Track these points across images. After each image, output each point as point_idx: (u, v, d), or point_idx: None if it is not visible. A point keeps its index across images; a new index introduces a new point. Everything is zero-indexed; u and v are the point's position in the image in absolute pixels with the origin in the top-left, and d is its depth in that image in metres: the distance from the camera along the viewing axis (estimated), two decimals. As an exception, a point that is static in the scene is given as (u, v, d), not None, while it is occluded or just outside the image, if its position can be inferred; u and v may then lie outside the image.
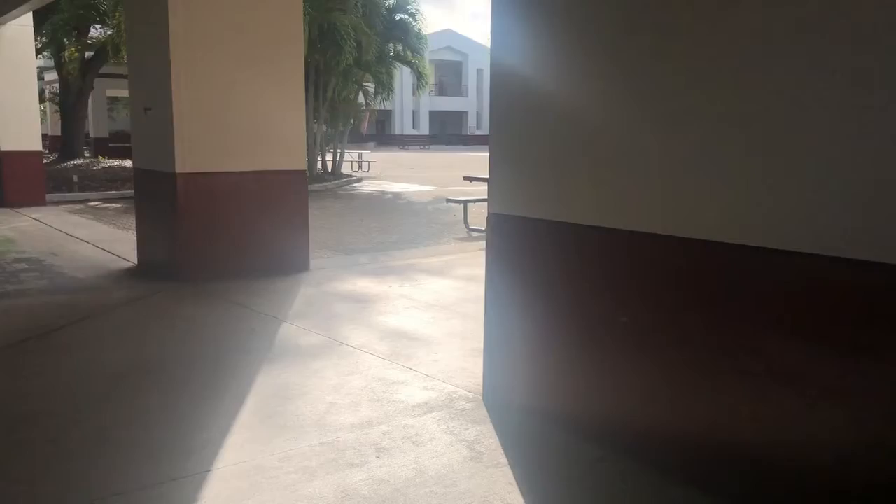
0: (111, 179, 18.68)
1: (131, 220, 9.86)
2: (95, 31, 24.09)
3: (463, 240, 10.61)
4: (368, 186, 21.53)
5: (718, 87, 2.85)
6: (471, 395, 4.09)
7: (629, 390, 3.30)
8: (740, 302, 2.83)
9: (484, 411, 3.87)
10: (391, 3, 22.54)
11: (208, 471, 3.19)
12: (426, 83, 25.75)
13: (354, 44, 19.10)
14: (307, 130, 8.28)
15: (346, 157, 25.28)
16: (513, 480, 3.14)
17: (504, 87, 3.82)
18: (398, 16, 22.79)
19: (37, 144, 13.82)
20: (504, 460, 3.31)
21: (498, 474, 3.18)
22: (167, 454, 3.38)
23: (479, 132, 61.69)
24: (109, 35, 20.95)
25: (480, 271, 4.14)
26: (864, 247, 2.45)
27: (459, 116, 65.83)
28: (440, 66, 61.08)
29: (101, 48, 22.67)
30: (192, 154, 6.84)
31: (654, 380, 3.17)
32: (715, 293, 2.93)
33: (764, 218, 2.74)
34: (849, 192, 2.50)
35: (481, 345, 4.09)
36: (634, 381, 3.27)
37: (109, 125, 34.80)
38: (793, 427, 2.71)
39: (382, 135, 58.81)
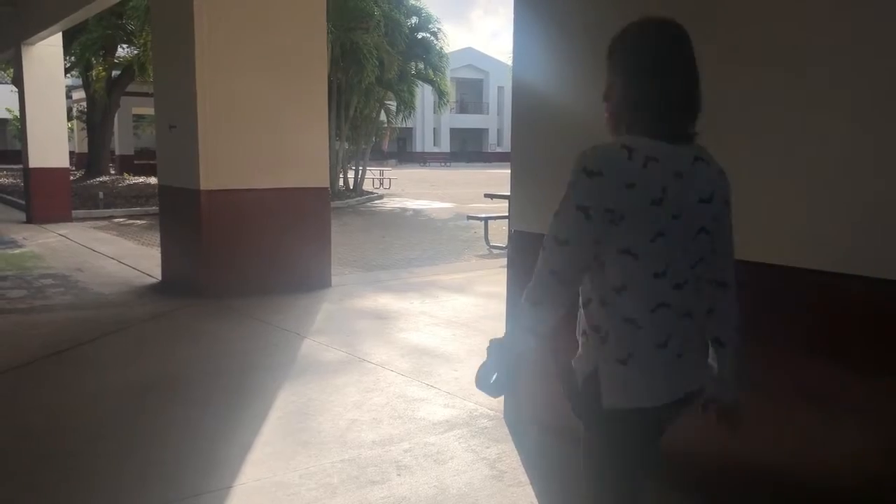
0: (136, 196, 18.91)
1: (155, 237, 9.97)
2: (122, 51, 24.48)
3: (483, 257, 10.61)
4: (389, 203, 21.62)
5: (743, 106, 2.85)
6: (492, 412, 4.08)
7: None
8: (765, 320, 2.80)
9: (505, 429, 3.85)
10: (413, 22, 22.67)
11: (230, 487, 3.21)
12: (447, 101, 25.86)
13: (376, 62, 19.23)
14: (329, 148, 8.33)
15: (368, 174, 25.41)
16: (534, 500, 3.12)
17: (526, 105, 3.83)
18: (420, 35, 22.91)
19: (64, 162, 14.04)
20: (525, 479, 3.29)
21: (519, 493, 3.16)
22: (190, 470, 3.39)
23: (499, 149, 61.79)
24: (136, 54, 21.29)
25: (501, 288, 4.14)
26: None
27: (480, 134, 66.01)
28: (461, 83, 61.37)
29: (128, 67, 23.04)
30: (216, 171, 6.92)
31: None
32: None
33: (792, 237, 2.72)
34: (882, 213, 2.48)
35: (502, 362, 4.08)
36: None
37: (135, 142, 35.30)
38: (818, 447, 2.67)
39: (403, 152, 59.08)
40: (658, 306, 1.72)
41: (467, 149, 63.94)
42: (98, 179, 24.25)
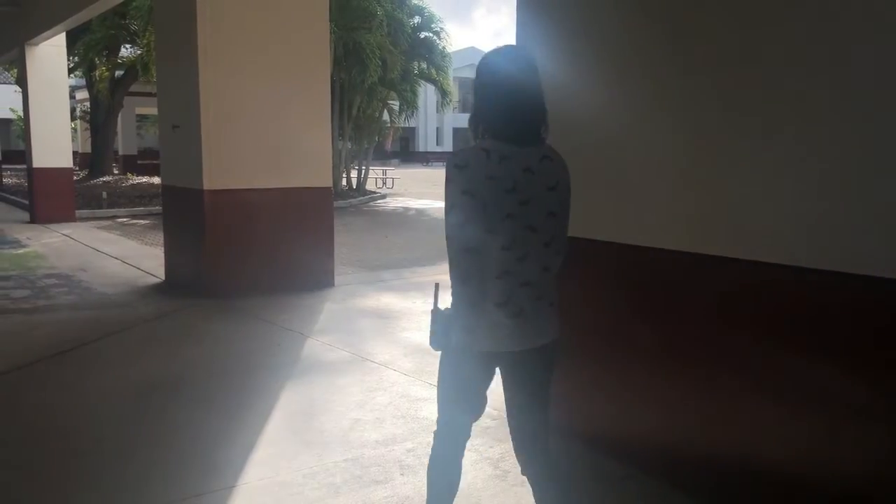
0: (139, 196, 18.92)
1: (158, 237, 9.98)
2: (125, 51, 24.46)
3: (487, 256, 10.57)
4: (392, 203, 21.62)
5: (742, 111, 2.84)
6: (495, 412, 4.06)
7: (656, 409, 3.27)
8: (770, 321, 2.80)
9: (508, 429, 3.84)
10: (416, 21, 22.63)
11: (233, 486, 3.21)
12: (450, 100, 25.80)
13: (379, 62, 19.20)
14: (332, 147, 8.32)
15: (371, 174, 25.39)
16: (538, 499, 3.11)
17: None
18: (423, 34, 22.87)
19: (67, 162, 14.05)
20: (529, 479, 3.28)
21: (523, 492, 3.15)
22: (192, 470, 3.40)
23: (502, 149, 61.55)
24: (139, 54, 21.27)
25: (505, 288, 4.12)
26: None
27: (483, 133, 65.85)
28: (464, 83, 61.06)
29: (131, 67, 23.03)
30: (220, 171, 6.93)
31: (680, 399, 3.14)
32: (742, 311, 2.89)
33: (793, 236, 2.71)
34: (883, 213, 2.47)
35: (506, 362, 4.07)
36: (660, 400, 3.23)
37: (138, 142, 35.29)
38: (823, 447, 2.66)
39: (406, 152, 59.03)
40: (503, 273, 2.14)
41: (470, 148, 63.77)
42: (101, 179, 24.26)
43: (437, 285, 2.30)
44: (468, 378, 2.30)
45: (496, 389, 4.46)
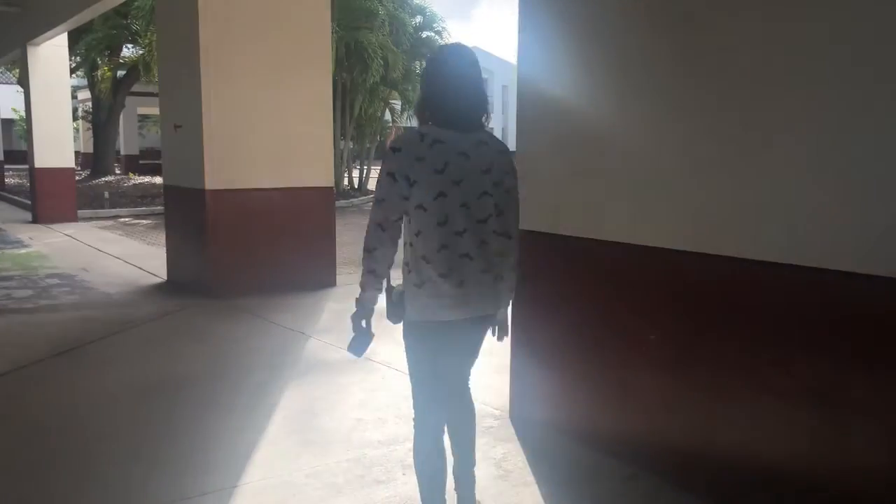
0: (141, 196, 18.92)
1: (160, 236, 9.98)
2: (127, 51, 24.48)
3: (489, 256, 10.57)
4: (394, 203, 21.58)
5: (746, 113, 2.84)
6: (497, 412, 4.07)
7: (659, 409, 3.26)
8: (772, 320, 2.79)
9: (511, 429, 3.84)
10: (417, 21, 22.65)
11: (235, 486, 3.20)
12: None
13: (381, 62, 19.20)
14: (334, 147, 8.33)
15: (372, 174, 25.39)
16: (540, 499, 3.12)
17: (530, 104, 3.82)
18: (424, 34, 22.86)
19: (69, 162, 14.03)
20: (531, 478, 3.28)
21: (525, 493, 3.15)
22: (194, 469, 3.39)
23: (504, 148, 61.51)
24: (141, 54, 21.28)
25: (507, 288, 4.11)
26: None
27: (485, 133, 65.80)
28: (465, 82, 61.15)
29: (133, 67, 23.03)
30: (222, 171, 6.93)
31: (684, 399, 3.13)
32: (746, 311, 2.88)
33: (797, 235, 2.70)
34: (883, 212, 2.47)
35: (507, 361, 4.07)
36: (664, 400, 3.22)
37: (140, 142, 35.28)
38: (828, 448, 2.65)
39: (408, 151, 59.01)
40: (441, 247, 2.37)
41: (472, 148, 63.71)
42: (103, 179, 24.26)
43: None
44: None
45: (495, 386, 4.47)
